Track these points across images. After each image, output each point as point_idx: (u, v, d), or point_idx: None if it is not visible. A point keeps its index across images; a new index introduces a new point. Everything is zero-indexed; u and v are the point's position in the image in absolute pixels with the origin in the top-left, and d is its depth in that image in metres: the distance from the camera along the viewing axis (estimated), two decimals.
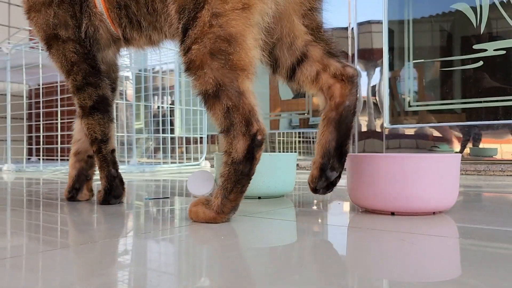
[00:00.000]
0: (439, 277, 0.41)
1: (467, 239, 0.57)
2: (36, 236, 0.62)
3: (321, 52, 0.78)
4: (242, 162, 0.64)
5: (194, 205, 0.68)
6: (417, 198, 0.68)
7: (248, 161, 0.64)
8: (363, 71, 2.33)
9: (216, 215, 0.66)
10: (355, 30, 2.32)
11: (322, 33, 0.80)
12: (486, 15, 2.04)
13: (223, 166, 0.65)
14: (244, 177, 0.64)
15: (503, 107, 2.02)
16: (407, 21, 2.28)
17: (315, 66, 0.78)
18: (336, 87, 0.75)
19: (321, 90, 0.77)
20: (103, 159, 0.87)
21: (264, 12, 0.66)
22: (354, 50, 2.33)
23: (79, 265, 0.46)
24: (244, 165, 0.64)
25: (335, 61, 0.78)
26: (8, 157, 2.16)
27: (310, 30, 0.79)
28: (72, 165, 0.95)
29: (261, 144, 0.64)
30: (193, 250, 0.54)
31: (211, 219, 0.66)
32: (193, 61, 0.65)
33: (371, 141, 2.28)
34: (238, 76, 0.64)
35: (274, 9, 0.68)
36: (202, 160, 2.37)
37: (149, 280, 0.40)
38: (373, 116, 2.28)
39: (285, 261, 0.49)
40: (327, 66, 0.77)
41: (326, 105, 0.76)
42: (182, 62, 0.68)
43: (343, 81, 0.75)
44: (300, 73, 0.79)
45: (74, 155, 0.95)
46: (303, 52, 0.78)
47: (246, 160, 0.64)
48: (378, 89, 2.28)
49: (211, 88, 0.64)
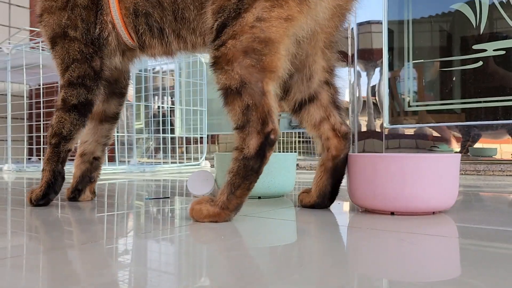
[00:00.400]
0: (439, 276, 0.41)
1: (466, 239, 0.57)
2: (36, 236, 0.62)
3: (329, 98, 0.82)
4: (253, 158, 0.65)
5: (197, 203, 0.68)
6: (416, 198, 0.68)
7: (259, 158, 0.66)
8: (363, 71, 2.33)
9: (221, 210, 0.66)
10: (355, 30, 2.32)
11: (334, 77, 0.84)
12: (486, 15, 2.04)
13: (233, 162, 0.67)
14: (253, 173, 0.66)
15: (503, 107, 2.02)
16: (407, 21, 2.28)
17: (321, 112, 0.82)
18: (333, 141, 0.81)
19: (319, 137, 0.82)
20: (56, 154, 0.88)
21: (302, 27, 0.70)
22: (354, 50, 2.33)
23: (80, 265, 0.46)
24: (255, 161, 0.65)
25: (337, 114, 0.82)
26: (9, 157, 2.16)
27: (328, 68, 0.83)
28: (77, 166, 0.96)
29: (273, 144, 0.67)
30: (193, 250, 0.54)
31: (215, 214, 0.66)
32: (224, 55, 0.68)
33: (370, 141, 2.28)
34: (265, 77, 0.67)
35: (312, 26, 0.71)
36: (202, 160, 2.37)
37: (149, 280, 0.40)
38: (373, 116, 2.29)
39: (285, 261, 0.49)
40: (330, 116, 0.82)
41: (323, 154, 0.81)
42: (212, 56, 0.70)
43: (339, 137, 0.81)
44: (306, 113, 0.82)
45: (80, 156, 0.96)
46: (315, 92, 0.82)
47: (257, 157, 0.66)
48: (378, 89, 2.28)
49: (235, 84, 0.66)
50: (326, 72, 0.83)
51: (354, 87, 2.35)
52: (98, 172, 0.96)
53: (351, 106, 2.36)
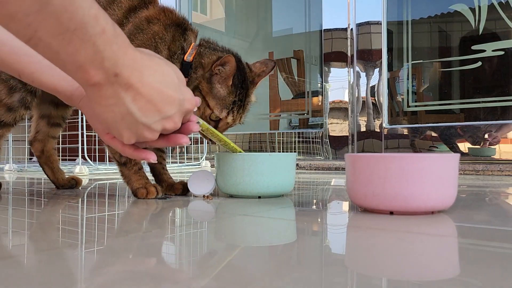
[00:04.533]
0: (438, 276, 0.41)
1: (465, 238, 0.57)
2: (37, 236, 0.63)
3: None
4: None
5: None
6: (415, 197, 0.69)
7: None
8: (362, 71, 2.34)
9: None
10: (354, 31, 2.33)
11: None
12: (485, 16, 2.04)
13: None
14: None
15: (502, 107, 2.02)
16: (406, 22, 2.29)
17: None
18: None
19: None
20: None
21: None
22: (353, 51, 2.33)
23: (80, 265, 0.47)
24: None
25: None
26: (10, 157, 2.17)
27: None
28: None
29: None
30: (193, 250, 0.55)
31: None
32: None
33: (370, 141, 2.29)
34: None
35: None
36: (202, 160, 2.37)
37: (149, 279, 0.40)
38: (372, 117, 2.29)
39: (285, 260, 0.49)
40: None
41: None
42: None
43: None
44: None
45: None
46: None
47: None
48: (377, 90, 2.28)
49: None
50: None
51: (353, 87, 2.36)
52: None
53: (351, 107, 2.36)
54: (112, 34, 0.49)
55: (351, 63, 2.34)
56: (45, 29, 0.44)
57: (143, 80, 0.54)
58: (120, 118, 0.56)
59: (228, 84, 0.91)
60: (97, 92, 0.52)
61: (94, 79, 0.50)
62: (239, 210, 0.79)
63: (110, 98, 0.53)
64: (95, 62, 0.49)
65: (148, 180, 0.97)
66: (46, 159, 1.18)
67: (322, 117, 2.49)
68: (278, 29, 3.34)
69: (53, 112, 1.16)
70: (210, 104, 0.91)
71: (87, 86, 0.52)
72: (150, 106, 0.56)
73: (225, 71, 0.90)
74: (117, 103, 0.54)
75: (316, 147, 2.48)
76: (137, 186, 0.95)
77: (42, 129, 1.17)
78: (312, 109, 2.76)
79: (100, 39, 0.48)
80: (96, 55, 0.48)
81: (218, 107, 0.91)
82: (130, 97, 0.54)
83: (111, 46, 0.49)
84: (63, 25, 0.44)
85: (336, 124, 2.40)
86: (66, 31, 0.45)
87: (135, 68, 0.53)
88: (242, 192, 0.93)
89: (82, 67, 0.49)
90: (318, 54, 2.69)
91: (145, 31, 0.93)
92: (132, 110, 0.55)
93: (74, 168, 1.88)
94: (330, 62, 2.44)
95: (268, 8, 3.40)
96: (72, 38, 0.45)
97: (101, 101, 0.53)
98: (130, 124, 0.57)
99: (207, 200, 0.93)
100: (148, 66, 0.55)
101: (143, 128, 0.58)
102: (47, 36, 0.44)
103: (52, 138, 1.19)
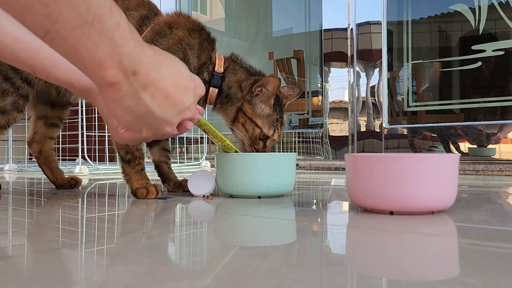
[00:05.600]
0: (438, 276, 0.41)
1: (465, 238, 0.57)
2: (37, 236, 0.63)
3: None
4: None
5: None
6: (415, 197, 0.69)
7: None
8: (362, 71, 2.33)
9: None
10: (354, 31, 2.33)
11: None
12: (485, 16, 2.04)
13: None
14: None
15: (502, 107, 2.02)
16: (406, 22, 2.29)
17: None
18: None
19: None
20: None
21: None
22: (353, 51, 2.33)
23: (80, 265, 0.47)
24: None
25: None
26: (10, 157, 2.17)
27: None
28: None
29: None
30: (193, 250, 0.55)
31: None
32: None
33: (370, 141, 2.29)
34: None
35: None
36: (202, 160, 2.37)
37: (149, 279, 0.40)
38: (372, 117, 2.29)
39: (285, 260, 0.49)
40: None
41: None
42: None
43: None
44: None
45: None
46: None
47: None
48: (377, 90, 2.28)
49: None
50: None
51: (353, 87, 2.36)
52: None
53: (351, 107, 2.37)
54: (128, 29, 0.48)
55: (351, 63, 2.34)
56: (63, 21, 0.42)
57: (160, 76, 0.53)
58: (140, 117, 0.55)
59: (270, 103, 0.97)
60: (116, 93, 0.51)
61: (113, 78, 0.48)
62: (239, 210, 0.79)
63: (129, 99, 0.51)
64: (114, 59, 0.47)
65: (148, 180, 0.97)
66: (45, 160, 1.18)
67: (322, 117, 2.49)
68: (278, 29, 3.34)
69: (50, 113, 1.17)
70: (258, 124, 0.97)
71: (106, 86, 0.50)
72: (169, 101, 0.55)
73: (267, 92, 0.96)
74: (137, 103, 0.52)
75: (316, 147, 2.48)
76: (137, 186, 0.95)
77: (40, 130, 1.17)
78: (312, 109, 2.76)
79: (118, 33, 0.46)
80: (115, 51, 0.47)
81: (266, 126, 0.97)
82: (149, 96, 0.53)
83: (128, 42, 0.48)
84: (81, 16, 0.43)
85: (336, 124, 2.40)
86: (85, 23, 0.43)
87: (152, 64, 0.52)
88: (242, 192, 0.93)
89: (101, 64, 0.47)
90: (318, 54, 2.69)
91: (169, 36, 0.93)
92: (152, 108, 0.54)
93: (74, 168, 1.88)
94: (330, 62, 2.44)
95: (268, 8, 3.40)
96: (90, 32, 0.44)
97: (120, 102, 0.52)
98: (150, 122, 0.56)
99: (207, 200, 0.93)
100: (161, 61, 0.54)
101: (162, 124, 0.58)
102: (66, 29, 0.43)
103: (50, 138, 1.19)
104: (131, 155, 0.95)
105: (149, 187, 0.95)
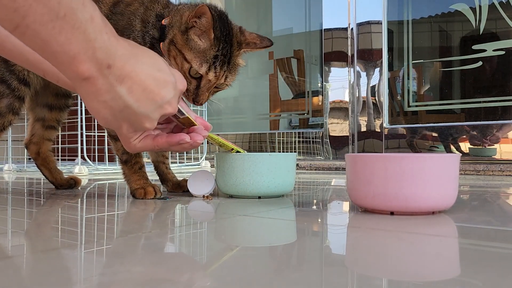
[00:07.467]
0: (438, 276, 0.41)
1: (466, 238, 0.57)
2: (36, 236, 0.62)
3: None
4: None
5: None
6: (416, 197, 0.68)
7: None
8: (362, 71, 2.33)
9: None
10: (355, 31, 2.32)
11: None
12: (485, 15, 2.04)
13: None
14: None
15: (502, 107, 2.02)
16: (407, 22, 2.29)
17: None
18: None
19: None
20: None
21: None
22: (354, 50, 2.33)
23: (80, 265, 0.47)
24: None
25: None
26: (9, 157, 2.16)
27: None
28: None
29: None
30: (193, 250, 0.54)
31: None
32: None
33: (370, 141, 2.29)
34: None
35: None
36: (202, 160, 2.37)
37: (149, 279, 0.40)
38: (373, 116, 2.29)
39: (285, 260, 0.49)
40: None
41: None
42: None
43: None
44: None
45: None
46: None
47: None
48: (378, 90, 2.28)
49: None
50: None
51: (353, 87, 2.36)
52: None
53: (351, 106, 2.36)
54: (101, 22, 0.47)
55: (351, 63, 2.34)
56: (33, 15, 0.41)
57: (136, 68, 0.52)
58: (118, 111, 0.54)
59: (210, 37, 0.83)
60: (91, 87, 0.50)
61: (87, 72, 0.48)
62: (239, 210, 0.79)
63: (105, 93, 0.51)
64: (87, 53, 0.47)
65: (147, 180, 0.97)
66: (43, 161, 1.18)
67: (322, 117, 2.49)
68: (278, 29, 3.34)
69: (47, 115, 1.17)
70: (187, 57, 0.83)
71: (80, 81, 0.49)
72: (147, 94, 0.54)
73: (202, 23, 0.83)
74: (113, 98, 0.52)
75: (316, 147, 2.48)
76: (135, 186, 0.95)
77: (37, 132, 1.17)
78: (312, 109, 2.76)
79: (91, 27, 0.46)
80: (88, 45, 0.46)
81: (197, 61, 0.83)
82: (126, 89, 0.52)
83: (102, 35, 0.47)
84: (52, 10, 0.42)
85: (336, 124, 2.40)
86: (56, 17, 0.42)
87: (127, 57, 0.51)
88: (242, 192, 0.92)
89: (75, 58, 0.46)
90: (318, 53, 2.69)
91: (123, 13, 0.90)
92: (130, 102, 0.53)
93: (74, 168, 1.88)
94: (330, 61, 2.43)
95: (268, 8, 3.40)
96: (62, 26, 0.43)
97: (96, 97, 0.51)
98: (128, 117, 0.56)
99: (207, 200, 0.93)
100: (138, 53, 0.53)
101: (141, 119, 0.57)
102: (36, 23, 0.42)
103: (48, 140, 1.19)
104: (127, 155, 0.95)
105: (147, 188, 0.94)
